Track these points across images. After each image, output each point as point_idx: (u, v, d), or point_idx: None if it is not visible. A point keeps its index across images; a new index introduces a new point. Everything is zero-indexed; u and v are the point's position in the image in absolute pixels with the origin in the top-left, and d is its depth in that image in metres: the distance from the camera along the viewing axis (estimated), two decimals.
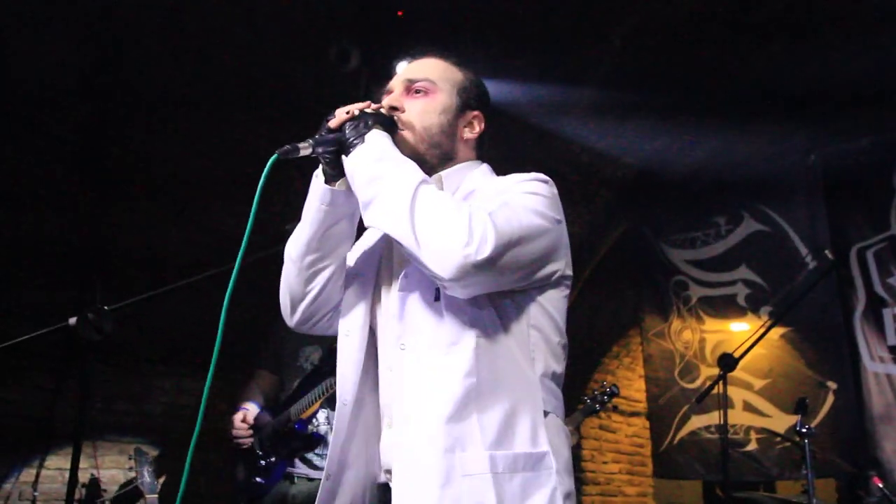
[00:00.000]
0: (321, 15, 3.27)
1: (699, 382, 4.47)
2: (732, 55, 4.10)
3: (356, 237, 1.56)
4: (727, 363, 3.47)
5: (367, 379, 1.43)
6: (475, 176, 1.46)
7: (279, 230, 2.74)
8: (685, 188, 5.00)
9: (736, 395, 4.55)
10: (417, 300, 1.36)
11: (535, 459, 1.24)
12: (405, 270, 1.39)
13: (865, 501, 3.74)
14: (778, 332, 4.45)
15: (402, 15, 3.32)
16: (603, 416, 5.24)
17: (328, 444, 2.71)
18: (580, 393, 3.65)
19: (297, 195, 1.55)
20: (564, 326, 1.40)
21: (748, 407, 4.61)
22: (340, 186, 1.37)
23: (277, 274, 1.45)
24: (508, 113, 3.74)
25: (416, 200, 1.22)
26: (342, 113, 1.35)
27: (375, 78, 3.30)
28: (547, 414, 1.30)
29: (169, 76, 3.50)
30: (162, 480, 3.61)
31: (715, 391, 3.63)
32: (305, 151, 1.32)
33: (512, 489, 1.20)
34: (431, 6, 3.31)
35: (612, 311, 5.24)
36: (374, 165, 1.28)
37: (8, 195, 3.29)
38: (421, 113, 1.43)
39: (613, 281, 5.16)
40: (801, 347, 4.52)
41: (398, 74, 1.53)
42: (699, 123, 4.46)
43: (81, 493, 3.35)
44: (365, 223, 1.37)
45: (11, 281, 3.43)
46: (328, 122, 1.35)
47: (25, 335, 2.30)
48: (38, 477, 3.31)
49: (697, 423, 4.65)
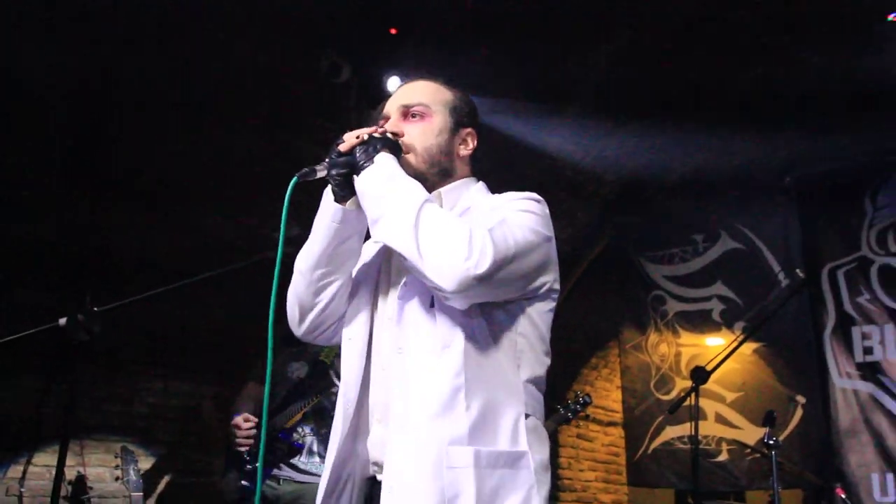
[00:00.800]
0: (314, 27, 3.27)
1: (674, 394, 4.54)
2: (712, 79, 4.13)
3: None
4: (700, 376, 3.53)
5: (361, 379, 1.50)
6: (472, 193, 1.52)
7: (271, 238, 2.97)
8: (665, 206, 4.97)
9: (709, 406, 4.59)
10: (415, 307, 1.41)
11: (514, 458, 1.30)
12: (404, 280, 1.44)
13: None
14: (751, 346, 4.49)
15: (395, 33, 3.35)
16: (581, 425, 5.26)
17: (311, 452, 2.98)
18: (559, 402, 3.68)
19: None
20: (549, 336, 1.46)
21: (720, 419, 4.64)
22: (351, 206, 1.42)
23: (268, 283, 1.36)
24: (496, 129, 3.78)
25: (420, 218, 1.27)
26: (352, 137, 1.40)
27: (365, 90, 3.38)
28: (528, 416, 1.35)
29: (161, 81, 3.48)
30: (157, 485, 3.67)
31: (688, 403, 3.64)
32: (321, 174, 1.38)
33: (491, 484, 1.26)
34: (421, 24, 3.34)
35: (591, 323, 5.27)
36: (382, 185, 1.34)
37: (1, 197, 3.29)
38: (420, 136, 1.48)
39: (594, 294, 5.21)
40: (772, 362, 4.57)
41: (392, 99, 1.57)
42: (680, 144, 4.49)
43: (68, 489, 3.39)
44: (373, 238, 1.42)
45: (2, 282, 3.37)
46: (338, 145, 1.40)
47: (15, 335, 2.33)
48: (25, 473, 3.33)
49: (671, 433, 4.76)
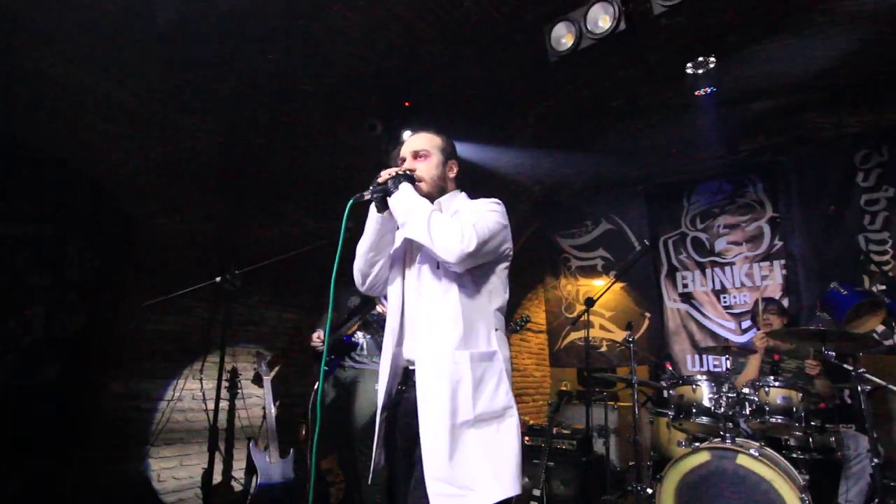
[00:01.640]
0: (364, 102, 3.26)
1: (575, 314, 4.50)
2: (600, 131, 4.08)
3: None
4: (589, 303, 3.72)
5: (400, 312, 1.54)
6: (459, 201, 1.57)
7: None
8: (570, 202, 5.01)
9: (595, 320, 4.69)
10: (427, 269, 1.47)
11: (490, 355, 1.39)
12: (419, 255, 1.51)
13: (662, 377, 3.83)
14: (619, 285, 4.61)
15: (408, 105, 3.34)
16: (523, 332, 5.33)
17: (363, 349, 3.07)
18: (509, 319, 3.86)
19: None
20: (507, 282, 1.55)
21: (602, 327, 4.73)
22: (387, 215, 1.48)
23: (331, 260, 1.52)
24: (468, 159, 3.65)
25: (430, 222, 1.36)
26: (386, 174, 1.47)
27: (391, 138, 3.26)
28: (497, 330, 1.44)
29: (279, 133, 3.32)
30: (274, 371, 3.71)
31: (583, 319, 3.82)
32: (367, 197, 1.46)
33: (479, 372, 1.35)
34: (425, 101, 3.32)
35: (529, 275, 5.38)
36: (406, 203, 1.41)
37: (174, 199, 3.28)
38: (426, 170, 1.53)
39: (528, 259, 5.27)
40: (631, 294, 4.67)
41: (406, 146, 1.58)
42: (579, 165, 4.46)
43: (227, 376, 3.54)
44: (402, 235, 1.49)
45: (185, 257, 3.42)
46: (377, 179, 1.46)
47: (191, 287, 2.64)
48: (202, 367, 3.42)
49: (574, 336, 4.82)
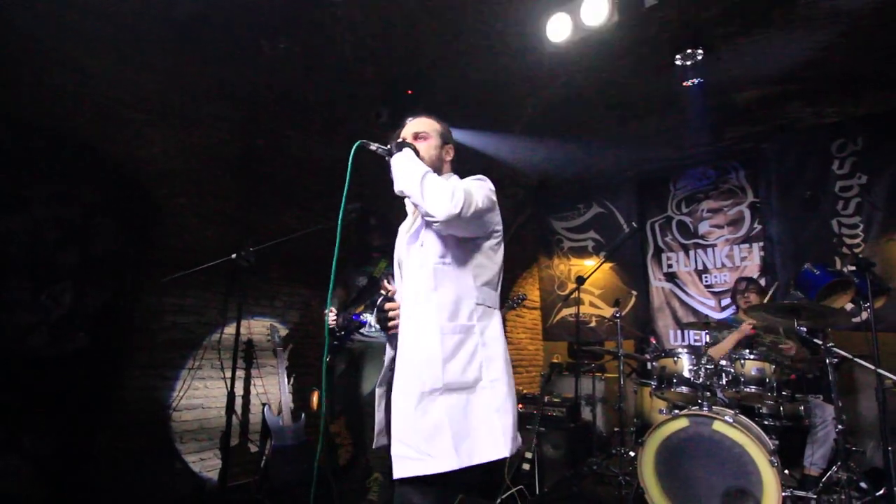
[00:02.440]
0: (374, 93, 3.28)
1: (566, 291, 4.49)
2: (593, 120, 4.07)
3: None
4: (580, 281, 3.66)
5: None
6: (452, 181, 1.51)
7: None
8: (564, 188, 4.99)
9: (586, 298, 4.72)
10: (414, 246, 1.46)
11: (466, 328, 1.34)
12: (409, 236, 1.49)
13: (646, 350, 3.87)
14: (609, 265, 4.61)
15: (410, 93, 3.32)
16: (518, 309, 5.39)
17: (370, 325, 3.07)
18: (506, 296, 3.91)
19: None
20: (499, 255, 1.49)
21: (592, 304, 4.74)
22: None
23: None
24: (470, 146, 3.72)
25: (424, 178, 1.32)
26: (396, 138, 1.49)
27: (395, 123, 3.26)
28: (480, 305, 1.39)
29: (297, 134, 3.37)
30: (289, 347, 3.80)
31: (574, 296, 3.79)
32: (372, 148, 1.44)
33: (453, 340, 1.31)
34: (426, 89, 3.30)
35: (525, 255, 5.39)
36: (405, 161, 1.38)
37: (194, 182, 3.30)
38: (425, 149, 1.50)
39: (525, 240, 5.30)
40: (620, 273, 4.67)
41: (408, 127, 1.57)
42: (575, 153, 4.41)
43: (243, 346, 3.61)
44: (395, 189, 1.40)
45: (203, 236, 3.46)
46: (390, 142, 1.46)
47: (211, 262, 2.66)
48: (220, 339, 3.49)
49: (565, 312, 4.82)
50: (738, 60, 3.37)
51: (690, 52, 3.24)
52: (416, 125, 1.57)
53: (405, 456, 1.25)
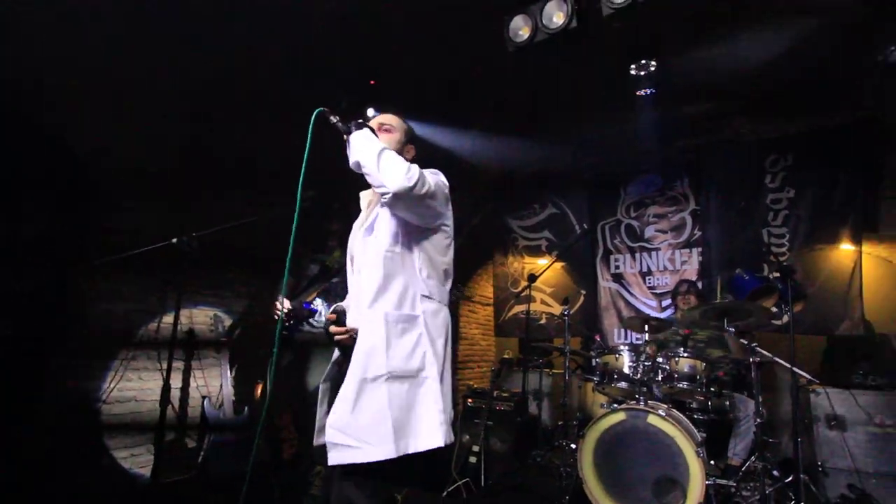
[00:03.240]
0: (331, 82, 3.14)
1: (519, 289, 4.64)
2: (551, 122, 4.04)
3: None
4: (532, 279, 3.80)
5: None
6: None
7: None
8: (522, 187, 5.02)
9: (537, 295, 4.82)
10: (366, 237, 1.46)
11: (411, 318, 1.36)
12: (363, 231, 1.48)
13: (591, 347, 3.90)
14: (561, 265, 4.78)
15: (373, 83, 3.24)
16: (472, 304, 5.62)
17: (321, 314, 2.99)
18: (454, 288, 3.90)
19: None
20: (449, 253, 1.51)
21: (543, 302, 4.86)
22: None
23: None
24: (430, 140, 3.72)
25: (382, 151, 1.32)
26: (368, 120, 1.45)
27: (355, 112, 3.18)
28: (426, 298, 1.41)
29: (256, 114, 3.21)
30: (234, 337, 3.64)
31: (525, 293, 3.94)
32: (333, 121, 1.39)
33: (397, 329, 1.32)
34: (391, 82, 3.24)
35: (480, 251, 5.41)
36: (365, 137, 1.36)
37: (136, 161, 3.12)
38: (387, 141, 1.49)
39: (482, 237, 5.31)
40: (571, 273, 4.80)
41: (375, 119, 1.57)
42: (532, 153, 4.40)
43: (183, 336, 3.48)
44: (350, 160, 1.38)
45: (144, 219, 3.25)
46: (349, 120, 1.42)
47: (150, 246, 2.53)
48: (158, 327, 3.36)
49: (517, 309, 4.91)
50: (687, 75, 3.52)
51: (644, 62, 3.38)
52: (382, 118, 1.58)
53: (341, 443, 1.25)
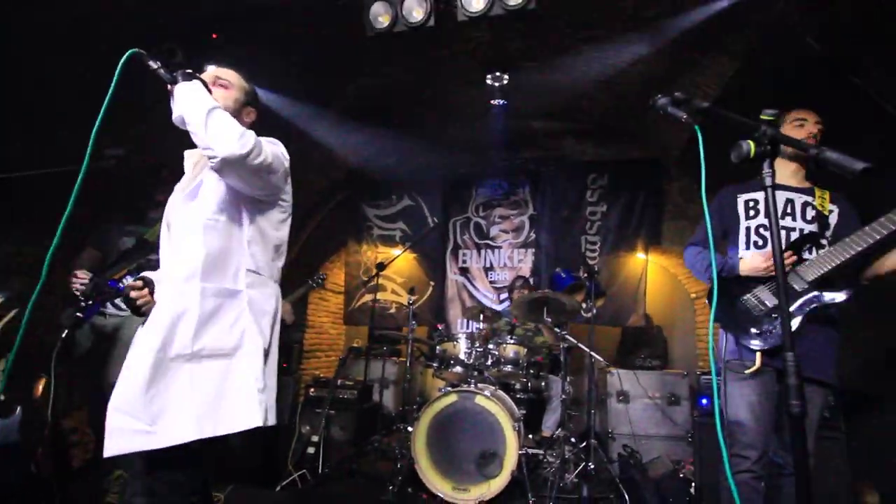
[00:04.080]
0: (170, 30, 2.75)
1: (374, 280, 4.48)
2: (411, 117, 4.21)
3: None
4: (380, 267, 3.83)
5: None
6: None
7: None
8: (379, 176, 5.01)
9: (388, 285, 4.94)
10: (188, 202, 1.32)
11: (232, 292, 1.26)
12: (184, 196, 1.33)
13: (434, 336, 4.12)
14: (413, 256, 4.94)
15: (216, 37, 2.88)
16: (322, 292, 5.42)
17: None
18: (310, 277, 3.60)
19: None
20: (283, 228, 1.40)
21: (394, 291, 4.96)
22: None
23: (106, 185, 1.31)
24: (283, 115, 3.47)
25: (214, 109, 1.19)
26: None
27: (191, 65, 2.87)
28: (251, 272, 1.30)
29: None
30: (8, 317, 2.96)
31: (373, 282, 3.98)
32: (153, 67, 1.22)
33: (212, 303, 1.21)
34: (234, 36, 2.93)
35: (334, 239, 5.28)
36: (193, 91, 1.21)
37: None
38: (222, 98, 1.36)
39: (337, 222, 5.22)
40: (423, 264, 4.96)
41: (210, 71, 1.42)
42: (392, 144, 4.49)
43: None
44: (174, 114, 1.25)
45: None
46: (174, 69, 1.25)
47: None
48: None
49: (368, 297, 4.91)
50: (534, 93, 3.98)
51: (499, 74, 3.69)
52: (219, 71, 1.43)
53: (129, 428, 1.11)
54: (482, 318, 3.48)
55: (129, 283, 1.35)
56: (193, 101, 1.19)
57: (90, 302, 2.54)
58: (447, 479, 2.73)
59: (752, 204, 1.79)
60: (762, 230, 1.74)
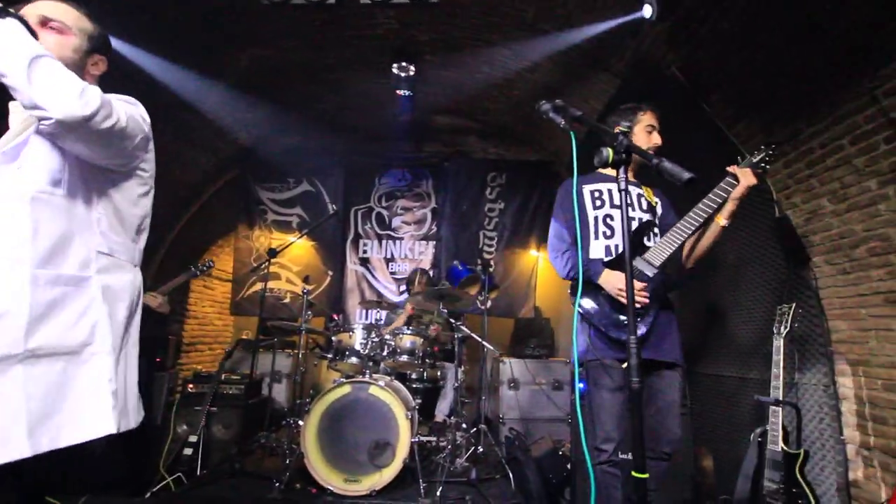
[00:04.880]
0: None
1: (264, 267, 4.26)
2: (312, 97, 4.04)
3: None
4: (272, 254, 3.64)
5: None
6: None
7: None
8: (276, 157, 4.73)
9: (283, 273, 4.72)
10: (7, 167, 1.09)
11: (78, 280, 1.09)
12: (1, 154, 1.12)
13: (329, 327, 4.04)
14: (311, 244, 4.78)
15: None
16: (207, 280, 5.07)
17: None
18: (193, 264, 3.53)
19: None
20: (143, 204, 1.24)
21: (289, 280, 4.76)
22: None
23: None
24: (162, 80, 3.12)
25: (40, 58, 0.97)
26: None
27: None
28: (103, 255, 1.14)
29: None
30: None
31: (265, 270, 3.71)
32: None
33: (52, 293, 1.04)
34: None
35: (222, 222, 4.94)
36: (14, 35, 0.98)
37: None
38: (55, 47, 1.12)
39: (226, 204, 4.87)
40: (321, 253, 4.81)
41: (32, 7, 1.13)
42: (291, 124, 4.32)
43: None
44: None
45: None
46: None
47: None
48: None
49: (258, 286, 4.63)
50: (439, 88, 4.07)
51: (405, 65, 3.67)
52: (48, 8, 1.14)
53: None
54: (379, 308, 3.47)
55: None
56: (12, 45, 0.96)
57: None
58: (338, 471, 2.71)
59: (597, 194, 1.87)
60: (609, 220, 1.83)
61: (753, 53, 2.39)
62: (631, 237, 1.69)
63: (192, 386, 3.68)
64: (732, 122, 2.74)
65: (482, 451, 3.24)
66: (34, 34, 1.04)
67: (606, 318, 1.75)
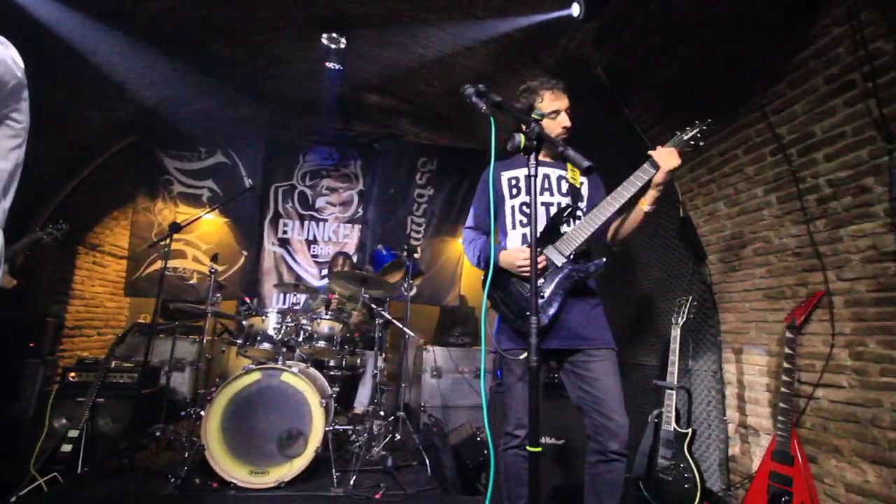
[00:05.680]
0: None
1: (165, 242, 4.13)
2: (230, 60, 3.71)
3: None
4: (174, 228, 3.25)
5: None
6: None
7: None
8: (187, 123, 4.35)
9: (190, 251, 4.47)
10: None
11: None
12: None
13: (241, 310, 3.73)
14: (224, 221, 4.54)
15: None
16: (98, 256, 4.58)
17: None
18: (78, 236, 3.11)
19: None
20: (12, 157, 1.12)
21: (196, 259, 4.48)
22: None
23: None
24: (43, 27, 2.73)
25: None
26: None
27: None
28: None
29: None
30: None
31: (164, 244, 3.28)
32: None
33: None
34: None
35: (116, 188, 4.43)
36: None
37: None
38: None
39: (123, 171, 4.42)
40: (235, 231, 4.60)
41: None
42: (204, 87, 3.96)
43: None
44: None
45: None
46: None
47: None
48: None
49: (158, 265, 4.39)
50: (372, 66, 3.92)
51: (336, 36, 3.48)
52: None
53: None
54: (297, 292, 3.30)
55: None
56: None
57: None
58: (244, 463, 2.57)
59: (514, 182, 1.82)
60: (525, 208, 1.78)
61: (671, 63, 2.55)
62: (548, 224, 1.74)
63: (73, 374, 3.31)
64: (649, 125, 2.93)
65: (400, 438, 3.23)
66: None
67: (513, 308, 1.71)
